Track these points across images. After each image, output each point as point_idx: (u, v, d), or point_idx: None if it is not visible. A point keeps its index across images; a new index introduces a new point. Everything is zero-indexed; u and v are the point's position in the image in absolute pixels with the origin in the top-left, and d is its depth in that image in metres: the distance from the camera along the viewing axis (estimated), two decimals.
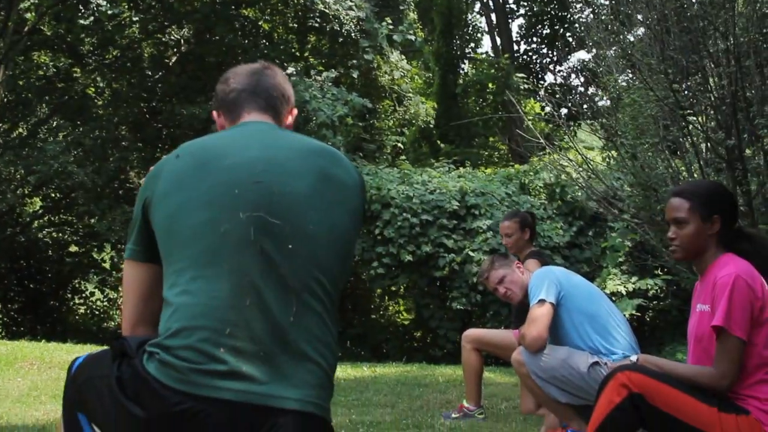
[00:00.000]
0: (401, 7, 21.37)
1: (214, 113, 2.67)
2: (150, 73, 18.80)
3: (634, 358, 3.47)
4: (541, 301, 5.06)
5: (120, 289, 22.60)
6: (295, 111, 2.68)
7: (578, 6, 20.56)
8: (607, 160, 10.28)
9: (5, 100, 17.48)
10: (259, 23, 20.17)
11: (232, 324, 2.12)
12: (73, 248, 20.43)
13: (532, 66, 29.16)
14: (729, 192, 3.74)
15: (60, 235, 20.11)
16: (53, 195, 19.61)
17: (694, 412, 3.17)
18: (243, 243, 2.19)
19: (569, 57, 29.34)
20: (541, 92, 23.30)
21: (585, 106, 12.23)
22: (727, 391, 3.20)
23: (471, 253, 13.22)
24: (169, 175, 2.32)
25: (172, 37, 18.85)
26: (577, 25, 23.07)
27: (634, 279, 12.52)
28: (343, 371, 9.10)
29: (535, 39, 29.45)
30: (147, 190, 2.35)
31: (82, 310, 21.54)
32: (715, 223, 3.44)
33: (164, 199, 2.29)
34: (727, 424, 3.14)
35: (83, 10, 16.91)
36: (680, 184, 3.74)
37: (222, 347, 2.10)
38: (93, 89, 19.30)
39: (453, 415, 6.13)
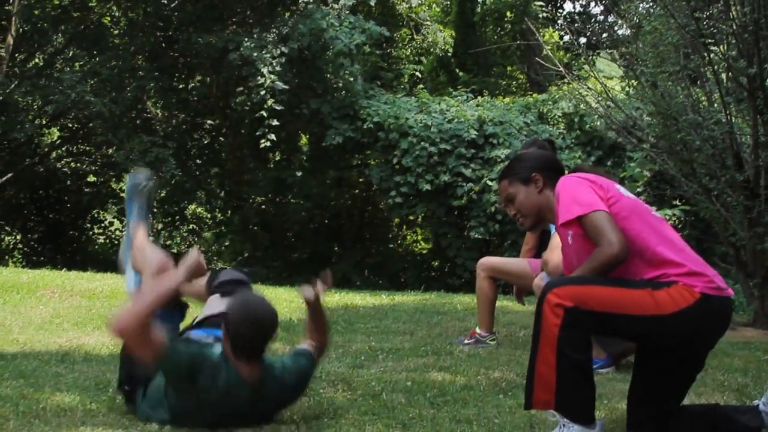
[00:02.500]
0: None
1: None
2: (166, 1, 18.64)
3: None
4: None
5: None
6: None
7: None
8: (627, 89, 10.18)
9: (21, 30, 17.40)
10: None
11: None
12: (92, 178, 20.49)
13: None
14: (538, 152, 4.09)
15: (78, 165, 20.16)
16: (71, 125, 19.61)
17: (629, 301, 3.19)
18: None
19: None
20: (560, 21, 23.05)
21: (604, 34, 12.10)
22: (624, 256, 3.23)
23: (489, 183, 13.22)
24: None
25: None
26: None
27: (653, 209, 12.49)
28: (362, 299, 9.15)
29: None
30: (196, 372, 3.55)
31: (101, 240, 21.67)
32: (537, 180, 3.63)
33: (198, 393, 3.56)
34: (661, 299, 3.18)
35: None
36: None
37: None
38: (108, 18, 19.17)
39: (465, 341, 6.14)
